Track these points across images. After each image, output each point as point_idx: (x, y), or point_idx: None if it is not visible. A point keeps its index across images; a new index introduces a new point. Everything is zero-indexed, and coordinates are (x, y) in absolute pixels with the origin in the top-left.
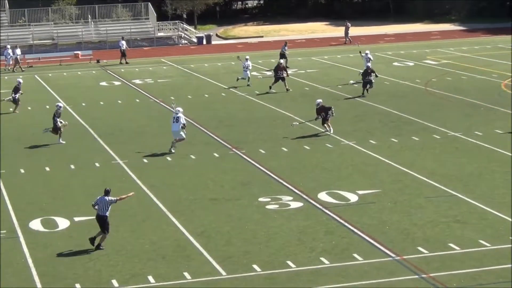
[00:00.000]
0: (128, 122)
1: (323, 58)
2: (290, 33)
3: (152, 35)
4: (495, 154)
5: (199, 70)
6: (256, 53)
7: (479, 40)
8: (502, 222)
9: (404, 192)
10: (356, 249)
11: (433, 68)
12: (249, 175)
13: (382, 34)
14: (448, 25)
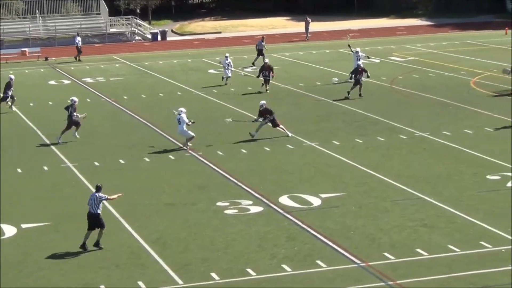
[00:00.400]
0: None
1: (284, 55)
2: (249, 28)
3: (104, 31)
4: (464, 155)
5: (153, 68)
6: (214, 50)
7: (447, 35)
8: (471, 226)
9: (370, 195)
10: (320, 256)
11: (399, 65)
12: (207, 178)
13: (345, 30)
14: (414, 20)
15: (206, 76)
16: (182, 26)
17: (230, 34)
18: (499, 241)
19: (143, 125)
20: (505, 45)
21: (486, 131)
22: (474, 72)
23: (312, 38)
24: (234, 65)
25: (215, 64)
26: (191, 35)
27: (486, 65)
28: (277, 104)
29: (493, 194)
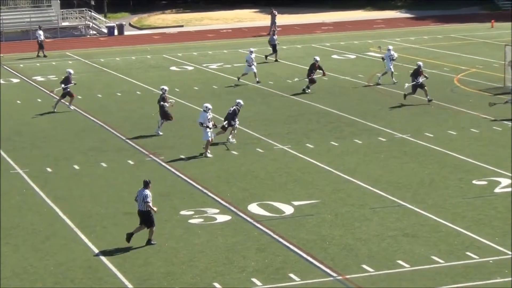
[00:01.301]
0: (29, 125)
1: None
2: (214, 22)
3: (56, 25)
4: (448, 158)
5: (110, 65)
6: (176, 45)
7: (428, 29)
8: (457, 235)
9: (346, 203)
10: (292, 268)
11: (377, 61)
12: (169, 185)
13: (319, 23)
14: (393, 12)
15: (167, 73)
16: (141, 19)
17: (193, 27)
18: (487, 251)
19: (99, 127)
20: (491, 39)
21: (471, 132)
22: (458, 68)
23: (283, 32)
24: (198, 62)
25: (176, 60)
26: (151, 29)
27: (471, 61)
28: (246, 103)
29: (480, 200)
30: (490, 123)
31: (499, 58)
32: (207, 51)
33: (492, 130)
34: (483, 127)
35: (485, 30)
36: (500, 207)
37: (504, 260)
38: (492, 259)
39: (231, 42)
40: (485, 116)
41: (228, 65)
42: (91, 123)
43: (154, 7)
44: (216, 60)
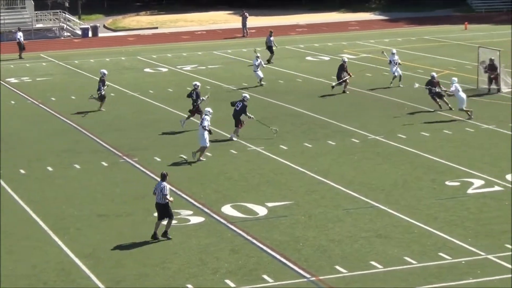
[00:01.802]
0: (2, 127)
1: (226, 52)
2: (188, 23)
3: (30, 27)
4: (421, 160)
5: (84, 67)
6: (150, 47)
7: (402, 31)
8: (429, 236)
9: (320, 204)
10: (266, 269)
11: (351, 63)
12: (143, 186)
13: (293, 25)
14: (367, 14)
15: (141, 75)
16: (115, 21)
17: (167, 29)
18: (459, 252)
19: (73, 129)
20: (464, 41)
21: (444, 133)
22: (432, 70)
23: (257, 33)
24: (172, 63)
25: (151, 62)
26: (125, 30)
27: (444, 63)
28: (220, 105)
29: (452, 201)
30: (463, 124)
31: (472, 60)
32: (181, 53)
33: (464, 131)
34: (456, 129)
35: (458, 32)
36: (472, 208)
37: (476, 260)
38: (464, 260)
39: (205, 44)
40: (459, 118)
41: (202, 67)
42: (65, 125)
43: (128, 9)
44: (191, 62)
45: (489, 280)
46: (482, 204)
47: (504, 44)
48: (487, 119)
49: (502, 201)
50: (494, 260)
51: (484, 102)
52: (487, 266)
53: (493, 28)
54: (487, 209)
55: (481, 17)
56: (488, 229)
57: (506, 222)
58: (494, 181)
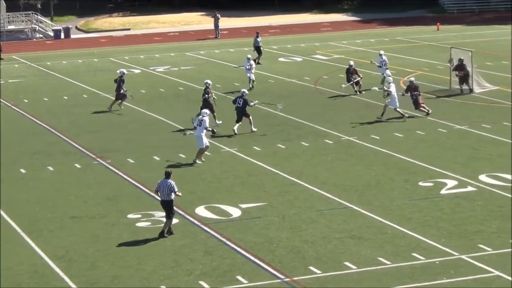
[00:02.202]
0: None
1: (199, 53)
2: (161, 25)
3: (1, 28)
4: (394, 160)
5: (56, 68)
6: (123, 48)
7: (375, 32)
8: (403, 236)
9: (293, 205)
10: (240, 271)
11: (323, 64)
12: (116, 188)
13: (265, 26)
14: (340, 15)
15: (114, 77)
16: (88, 22)
17: (140, 31)
18: (433, 252)
19: (45, 131)
20: (437, 42)
21: (417, 134)
22: (404, 71)
23: (229, 35)
24: (145, 65)
25: (123, 63)
26: (98, 32)
27: (417, 64)
28: (193, 106)
29: (426, 202)
30: (436, 125)
31: (444, 61)
32: (154, 54)
33: (437, 132)
34: (429, 129)
35: (431, 33)
36: (446, 209)
37: (450, 261)
38: (438, 260)
39: (178, 45)
40: (432, 119)
41: (175, 68)
42: (38, 127)
43: (101, 10)
44: (163, 63)
45: (462, 280)
46: (455, 205)
47: (476, 44)
48: (459, 119)
49: (475, 201)
50: (468, 260)
51: (457, 103)
52: (460, 266)
53: (465, 29)
54: (460, 209)
55: (453, 17)
56: (462, 229)
57: (479, 222)
58: (467, 182)
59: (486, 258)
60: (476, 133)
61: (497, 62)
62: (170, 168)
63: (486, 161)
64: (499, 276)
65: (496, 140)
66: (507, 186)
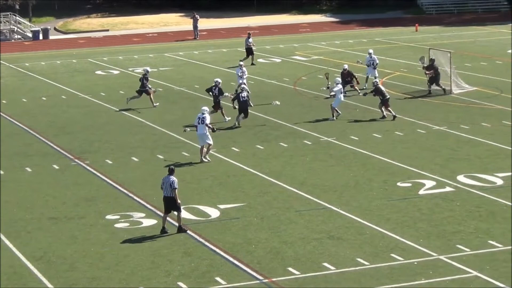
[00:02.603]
0: None
1: (178, 54)
2: (140, 26)
3: None
4: (373, 161)
5: (35, 69)
6: (101, 49)
7: (353, 33)
8: (381, 237)
9: (272, 206)
10: (219, 272)
11: (302, 65)
12: (95, 189)
13: (244, 27)
14: (318, 16)
15: (93, 77)
16: (66, 23)
17: (119, 32)
18: (411, 253)
19: (24, 132)
20: (415, 43)
21: (396, 135)
22: (383, 72)
23: (208, 36)
24: (124, 66)
25: (102, 64)
26: (76, 33)
27: (395, 64)
28: (171, 107)
29: (404, 202)
30: (414, 126)
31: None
32: (133, 55)
33: (416, 132)
34: (407, 130)
35: (409, 34)
36: (424, 209)
37: (428, 261)
38: (416, 261)
39: (156, 46)
40: (410, 119)
41: (154, 69)
42: (16, 128)
43: (79, 11)
44: (142, 64)
45: (441, 281)
46: (434, 205)
47: (455, 45)
48: (438, 120)
49: (453, 202)
50: (446, 261)
51: (435, 104)
52: (439, 267)
53: (444, 30)
54: (439, 210)
55: (431, 19)
56: (440, 230)
57: (458, 223)
58: (446, 182)
59: (464, 259)
60: (455, 133)
61: (476, 63)
62: (147, 169)
63: (465, 162)
64: (477, 277)
65: (474, 141)
66: (485, 186)
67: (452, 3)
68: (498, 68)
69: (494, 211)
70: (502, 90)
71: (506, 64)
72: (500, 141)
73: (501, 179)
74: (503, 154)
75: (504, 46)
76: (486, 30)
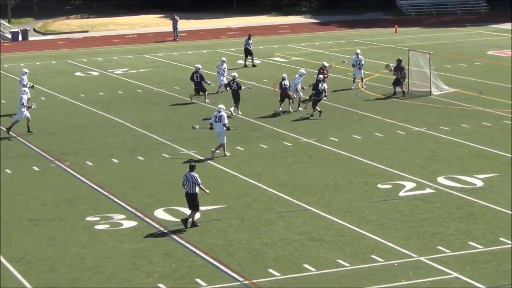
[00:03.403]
0: None
1: (157, 55)
2: (119, 27)
3: None
4: (353, 163)
5: (14, 71)
6: (81, 51)
7: (333, 34)
8: (362, 238)
9: (252, 207)
10: (199, 273)
11: (282, 66)
12: (75, 191)
13: (224, 28)
14: (298, 17)
15: (72, 79)
16: (46, 24)
17: (98, 33)
18: (391, 254)
19: (3, 133)
20: (395, 44)
21: (376, 136)
22: (363, 73)
23: (188, 37)
24: (103, 67)
25: (81, 65)
26: (56, 34)
27: (375, 66)
28: (151, 109)
29: (384, 204)
30: (394, 127)
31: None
32: (112, 57)
33: (396, 134)
34: (387, 131)
35: (389, 35)
36: (404, 211)
37: (408, 262)
38: (397, 262)
39: (136, 48)
40: (390, 121)
41: (133, 70)
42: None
43: (58, 12)
44: (122, 66)
45: (421, 282)
46: (414, 207)
47: (434, 47)
48: (418, 122)
49: (433, 203)
50: (426, 262)
51: (415, 105)
52: (419, 268)
53: (423, 31)
54: (419, 211)
55: (411, 20)
56: (420, 231)
57: (438, 224)
58: (426, 184)
59: (444, 260)
60: (434, 135)
61: (455, 64)
62: (127, 170)
63: (444, 163)
64: (457, 278)
65: (454, 142)
66: (465, 187)
67: (432, 5)
68: (477, 70)
69: (474, 212)
70: (481, 92)
71: (485, 66)
72: (480, 142)
73: (481, 181)
74: (482, 156)
75: (483, 48)
76: (466, 32)
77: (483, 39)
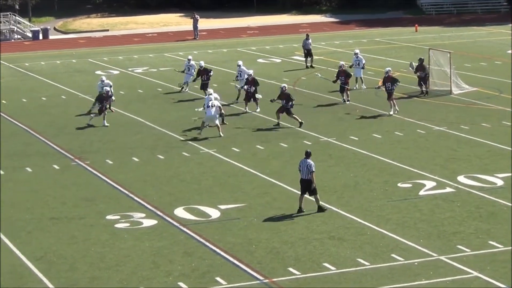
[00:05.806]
0: None
1: (178, 54)
2: (140, 26)
3: None
4: (373, 161)
5: (34, 69)
6: (101, 49)
7: (353, 33)
8: (382, 237)
9: (272, 206)
10: (219, 272)
11: (302, 65)
12: (95, 189)
13: (244, 27)
14: (318, 16)
15: (93, 78)
16: (66, 23)
17: (118, 32)
18: (412, 253)
19: (23, 132)
20: (415, 43)
21: (396, 135)
22: (383, 72)
23: (208, 36)
24: (124, 66)
25: (102, 64)
26: (76, 33)
27: (395, 65)
28: (170, 108)
29: (405, 203)
30: (414, 126)
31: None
32: (132, 55)
33: (416, 133)
34: (407, 130)
35: (409, 34)
36: (424, 210)
37: (428, 262)
38: (417, 261)
39: (156, 46)
40: (410, 120)
41: (153, 69)
42: (16, 128)
43: (79, 11)
44: (142, 64)
45: (441, 281)
46: (434, 206)
47: (454, 46)
48: (438, 121)
49: (453, 202)
50: (446, 261)
51: (435, 104)
52: (439, 267)
53: (443, 30)
54: (439, 210)
55: (431, 19)
56: (440, 230)
57: (458, 223)
58: (446, 183)
59: (464, 259)
60: (455, 134)
61: (476, 64)
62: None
63: (465, 162)
64: (478, 277)
65: (474, 141)
66: (485, 187)
67: (452, 4)
68: (497, 69)
69: (494, 211)
70: (501, 91)
71: (505, 65)
72: (500, 141)
73: (501, 180)
74: (503, 155)
75: (503, 47)
76: (486, 31)
77: (504, 38)
